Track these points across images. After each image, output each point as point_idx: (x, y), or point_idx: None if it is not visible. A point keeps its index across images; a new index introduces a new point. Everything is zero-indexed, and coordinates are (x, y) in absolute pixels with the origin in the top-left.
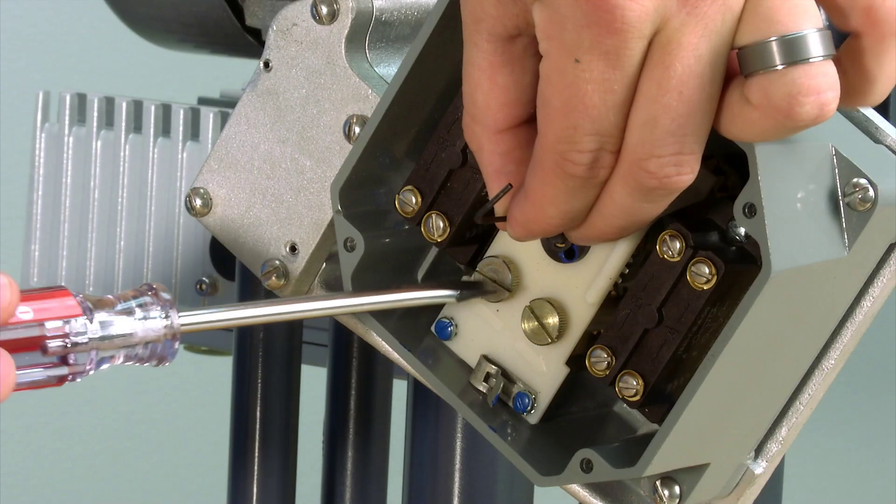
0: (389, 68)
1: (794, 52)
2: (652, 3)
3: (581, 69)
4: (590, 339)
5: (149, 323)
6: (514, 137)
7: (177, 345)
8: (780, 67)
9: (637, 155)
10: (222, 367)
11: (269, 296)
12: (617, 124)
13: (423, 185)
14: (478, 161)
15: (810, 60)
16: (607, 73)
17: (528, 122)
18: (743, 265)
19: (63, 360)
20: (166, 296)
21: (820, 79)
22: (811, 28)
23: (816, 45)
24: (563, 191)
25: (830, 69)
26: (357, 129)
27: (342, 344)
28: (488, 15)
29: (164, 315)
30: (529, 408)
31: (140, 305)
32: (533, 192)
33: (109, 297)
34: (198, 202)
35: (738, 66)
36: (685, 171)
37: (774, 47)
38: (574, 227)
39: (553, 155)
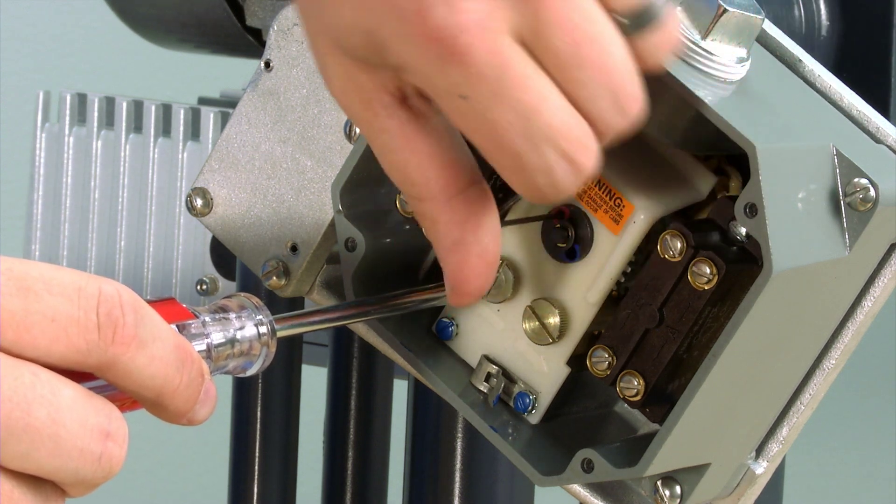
0: None
1: (647, 17)
2: (482, 3)
3: (473, 102)
4: (591, 338)
5: (247, 330)
6: (467, 203)
7: (273, 349)
8: (639, 34)
9: (597, 115)
10: None
11: (270, 295)
12: (558, 122)
13: None
14: (432, 239)
15: (661, 17)
16: (498, 88)
17: (473, 184)
18: (744, 265)
19: None
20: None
21: (671, 29)
22: None
23: (659, 4)
24: (559, 195)
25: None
26: (358, 129)
27: (342, 344)
28: (368, 90)
29: (260, 321)
30: (530, 408)
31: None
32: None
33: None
34: (198, 202)
35: None
36: (631, 112)
37: (633, 20)
38: None
39: (528, 186)
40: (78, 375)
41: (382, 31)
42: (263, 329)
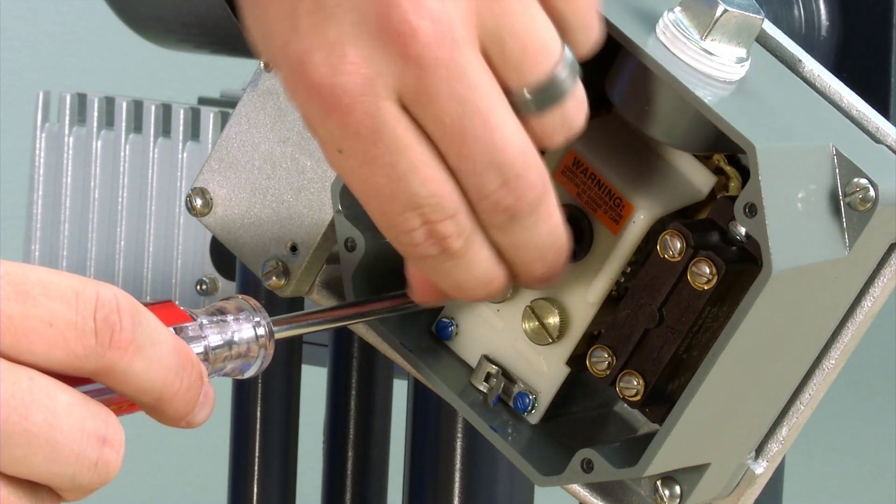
0: None
1: (547, 100)
2: (366, 66)
3: (345, 158)
4: (590, 339)
5: (245, 332)
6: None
7: (271, 351)
8: (535, 113)
9: (476, 200)
10: None
11: (270, 295)
12: (425, 190)
13: None
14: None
15: (562, 100)
16: (371, 150)
17: None
18: (743, 265)
19: None
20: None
21: (571, 112)
22: (555, 67)
23: (565, 82)
24: (438, 271)
25: (579, 93)
26: None
27: (342, 344)
28: (349, 124)
29: (257, 323)
30: (530, 408)
31: (237, 319)
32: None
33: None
34: (198, 202)
35: None
36: (523, 193)
37: (529, 101)
38: (505, 283)
39: (396, 244)
40: (76, 379)
41: (280, 72)
42: (261, 331)
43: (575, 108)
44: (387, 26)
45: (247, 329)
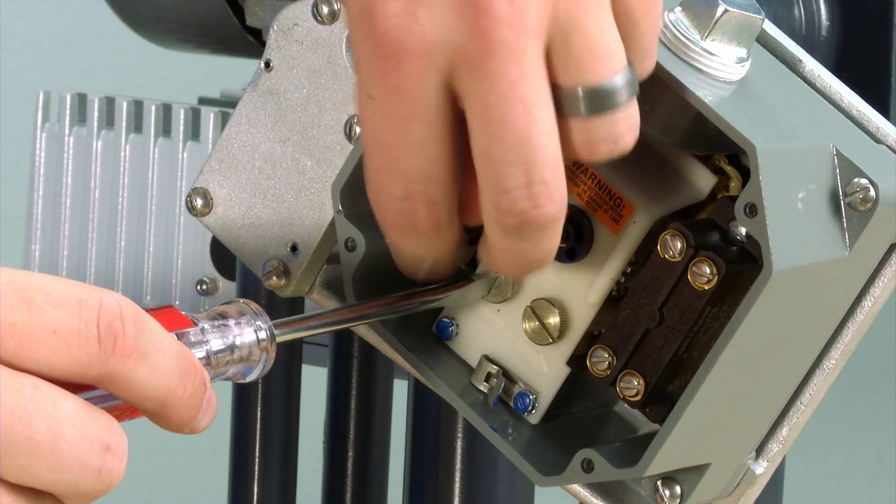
0: None
1: (600, 104)
2: (432, 31)
3: (372, 106)
4: (591, 338)
5: (246, 336)
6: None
7: (273, 354)
8: (584, 116)
9: (486, 193)
10: None
11: (270, 295)
12: (424, 168)
13: None
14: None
15: (615, 110)
16: (399, 109)
17: None
18: (744, 265)
19: None
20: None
21: (621, 126)
22: (616, 75)
23: (622, 93)
24: (398, 239)
25: (632, 111)
26: (358, 129)
27: (342, 344)
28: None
29: (258, 327)
30: (530, 408)
31: (238, 323)
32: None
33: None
34: (198, 202)
35: None
36: (542, 204)
37: (581, 99)
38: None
39: (372, 200)
40: (79, 386)
41: (347, 8)
42: (262, 335)
43: (626, 123)
44: None
45: (248, 333)
